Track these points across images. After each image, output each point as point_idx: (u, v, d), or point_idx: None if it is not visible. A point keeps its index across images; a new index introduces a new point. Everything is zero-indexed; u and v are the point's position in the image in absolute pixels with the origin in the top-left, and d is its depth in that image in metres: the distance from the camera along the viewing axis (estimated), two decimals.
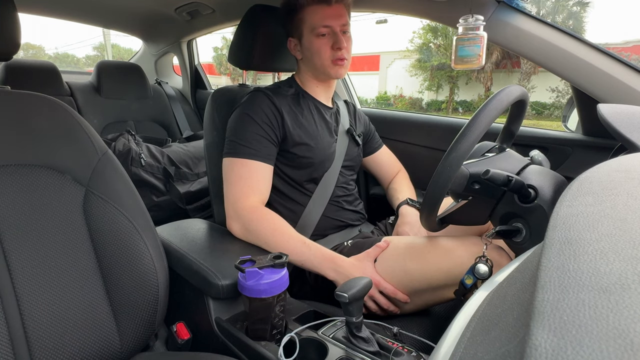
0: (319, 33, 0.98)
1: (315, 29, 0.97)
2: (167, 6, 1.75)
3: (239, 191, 0.93)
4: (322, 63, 1.00)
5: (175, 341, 0.80)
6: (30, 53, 29.63)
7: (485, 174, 0.68)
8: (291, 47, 1.05)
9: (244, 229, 0.93)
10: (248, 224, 0.92)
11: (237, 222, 0.93)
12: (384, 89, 17.79)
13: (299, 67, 1.08)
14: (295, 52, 1.05)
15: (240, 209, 0.92)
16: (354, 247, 0.95)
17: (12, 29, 0.73)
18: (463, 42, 0.91)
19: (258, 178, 0.95)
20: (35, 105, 0.71)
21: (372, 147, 1.26)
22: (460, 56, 0.92)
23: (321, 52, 0.99)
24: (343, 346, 0.65)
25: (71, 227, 0.68)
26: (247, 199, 0.93)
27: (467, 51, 0.91)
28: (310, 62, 1.02)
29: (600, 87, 0.90)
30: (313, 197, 1.03)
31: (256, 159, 0.95)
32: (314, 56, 1.00)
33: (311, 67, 1.04)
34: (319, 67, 1.01)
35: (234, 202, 0.93)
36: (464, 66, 0.93)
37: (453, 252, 0.81)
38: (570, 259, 0.21)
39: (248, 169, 0.94)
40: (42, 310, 0.63)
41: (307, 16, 0.98)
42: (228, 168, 0.97)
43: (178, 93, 2.33)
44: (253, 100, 0.99)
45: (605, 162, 0.36)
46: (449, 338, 0.31)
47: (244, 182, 0.94)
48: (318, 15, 0.97)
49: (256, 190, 0.95)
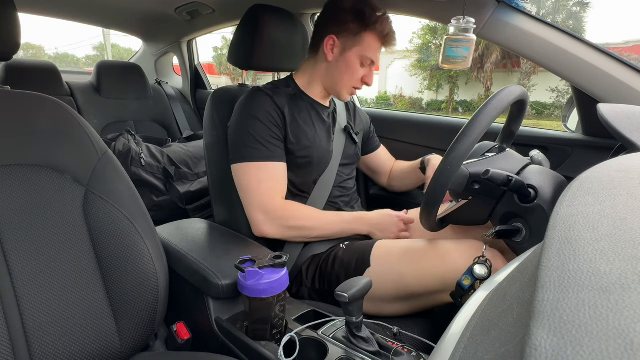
0: (364, 61, 0.97)
1: (366, 56, 0.96)
2: (167, 6, 1.75)
3: (264, 195, 0.93)
4: (344, 83, 0.99)
5: (175, 341, 0.80)
6: (30, 53, 29.59)
7: (485, 174, 0.68)
8: (328, 44, 0.97)
9: (282, 227, 0.93)
10: (286, 221, 0.93)
11: (271, 224, 0.93)
12: (383, 89, 17.78)
13: (315, 67, 1.02)
14: (328, 50, 0.98)
15: (272, 211, 0.93)
16: (349, 248, 0.94)
17: (12, 29, 0.73)
18: (452, 43, 0.92)
19: (278, 178, 0.96)
20: (35, 105, 0.71)
21: (372, 145, 1.26)
22: (447, 56, 0.93)
23: (352, 75, 0.98)
24: (343, 346, 0.65)
25: (71, 227, 0.68)
26: (273, 200, 0.93)
27: (455, 52, 0.92)
28: (334, 73, 0.99)
29: (600, 87, 0.90)
30: (310, 199, 1.03)
31: (272, 160, 0.94)
32: (343, 72, 0.98)
33: (330, 78, 1.01)
34: (336, 82, 1.00)
35: (262, 206, 0.93)
36: (450, 66, 0.94)
37: (448, 258, 0.81)
38: (570, 259, 0.21)
39: (266, 172, 0.94)
40: (42, 310, 0.63)
41: (367, 39, 0.95)
42: (244, 174, 0.95)
43: (178, 93, 2.33)
44: (254, 100, 0.97)
45: (605, 162, 0.36)
46: (449, 338, 0.31)
47: (266, 185, 0.93)
48: (374, 47, 0.97)
49: (278, 190, 0.95)
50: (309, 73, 1.04)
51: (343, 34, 0.96)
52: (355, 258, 0.90)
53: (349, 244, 0.96)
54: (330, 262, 0.93)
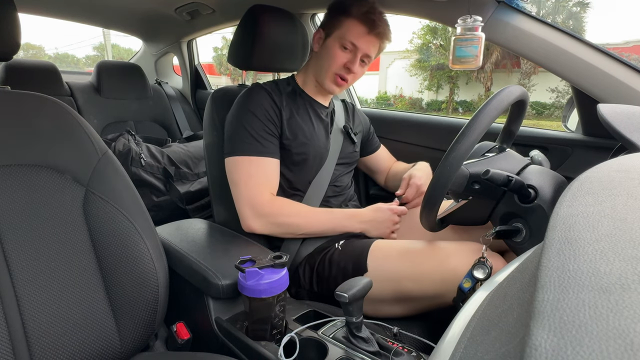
0: (343, 45, 0.98)
1: (344, 40, 0.97)
2: (167, 6, 1.75)
3: (253, 189, 0.93)
4: (325, 69, 1.00)
5: (175, 341, 0.80)
6: (30, 53, 29.61)
7: (485, 174, 0.68)
8: (315, 37, 1.04)
9: (269, 223, 0.93)
10: (273, 217, 0.93)
11: (258, 219, 0.93)
12: (383, 89, 17.78)
13: (308, 62, 1.08)
14: (315, 43, 1.04)
15: (259, 206, 0.92)
16: (345, 250, 0.93)
17: (12, 29, 0.73)
18: (461, 42, 0.91)
19: (268, 173, 0.96)
20: (35, 106, 0.71)
21: (372, 147, 1.27)
22: (457, 56, 0.92)
23: (332, 60, 0.99)
24: (343, 346, 0.65)
25: (71, 227, 0.68)
26: (262, 195, 0.93)
27: (464, 52, 0.92)
28: (319, 62, 1.02)
29: (600, 87, 0.90)
30: (305, 197, 1.02)
31: (264, 155, 0.94)
32: (325, 58, 1.00)
33: (317, 67, 1.03)
34: (320, 71, 1.01)
35: (250, 200, 0.93)
36: (461, 66, 0.93)
37: (448, 261, 0.80)
38: (570, 259, 0.21)
39: (257, 166, 0.94)
40: (42, 310, 0.63)
41: (345, 24, 0.98)
42: (235, 167, 0.95)
43: (178, 93, 2.33)
44: (252, 96, 0.98)
45: (605, 162, 0.36)
46: (449, 338, 0.31)
47: (255, 180, 0.93)
48: (354, 31, 0.97)
49: (268, 185, 0.95)
50: (304, 70, 1.08)
51: (327, 25, 1.02)
52: (351, 262, 0.89)
53: (345, 244, 0.95)
54: (326, 265, 0.92)
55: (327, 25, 1.02)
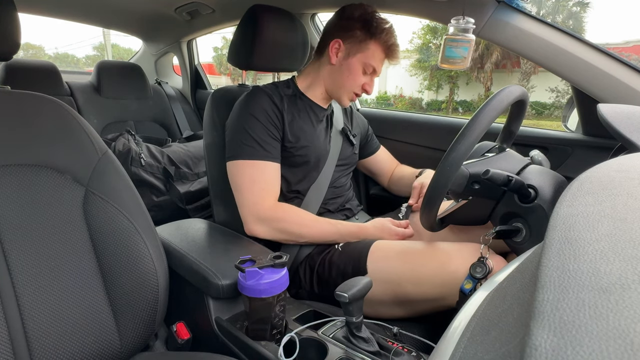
0: (366, 69, 0.99)
1: (368, 63, 0.99)
2: (167, 6, 1.75)
3: (256, 195, 0.93)
4: (345, 87, 1.01)
5: (175, 341, 0.80)
6: (30, 53, 29.59)
7: (485, 174, 0.68)
8: (333, 47, 0.99)
9: (271, 229, 0.93)
10: (276, 223, 0.92)
11: (261, 225, 0.93)
12: (383, 89, 17.77)
13: (319, 70, 1.04)
14: (333, 53, 0.99)
15: (262, 212, 0.92)
16: (345, 251, 0.93)
17: (12, 29, 0.73)
18: (451, 43, 0.92)
19: (271, 178, 0.95)
20: (35, 105, 0.71)
21: (370, 148, 1.26)
22: (447, 56, 0.93)
23: (354, 80, 1.00)
24: (343, 346, 0.65)
25: (71, 227, 0.68)
26: (265, 201, 0.93)
27: (454, 52, 0.92)
28: (337, 77, 1.01)
29: (600, 87, 0.90)
30: (305, 200, 1.02)
31: (267, 159, 0.94)
32: (346, 76, 1.00)
33: (333, 81, 1.02)
34: (338, 86, 1.01)
35: (253, 206, 0.93)
36: (449, 66, 0.94)
37: (448, 264, 0.79)
38: (570, 259, 0.21)
39: (260, 171, 0.94)
40: (42, 310, 0.63)
41: (372, 49, 0.98)
42: (238, 172, 0.95)
43: (178, 93, 2.33)
44: (254, 99, 0.98)
45: (605, 162, 0.36)
46: (449, 338, 0.31)
47: (258, 185, 0.93)
48: (378, 58, 0.99)
49: (271, 190, 0.95)
50: (311, 75, 1.06)
51: (349, 40, 0.99)
52: (351, 265, 0.89)
53: (344, 245, 0.95)
54: (326, 266, 0.92)
55: (349, 41, 0.98)
